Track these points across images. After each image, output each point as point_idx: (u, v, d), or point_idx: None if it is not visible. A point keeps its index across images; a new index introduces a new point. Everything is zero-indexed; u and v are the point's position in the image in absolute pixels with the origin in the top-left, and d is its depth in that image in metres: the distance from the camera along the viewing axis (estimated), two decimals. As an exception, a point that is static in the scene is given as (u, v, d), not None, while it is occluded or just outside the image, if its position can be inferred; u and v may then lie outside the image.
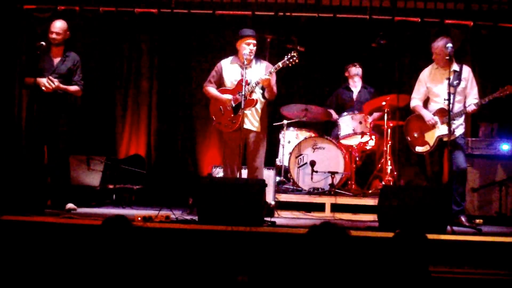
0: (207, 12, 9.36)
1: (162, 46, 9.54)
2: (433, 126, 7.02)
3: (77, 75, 7.33)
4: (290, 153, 8.01)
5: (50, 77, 7.03)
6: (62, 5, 9.43)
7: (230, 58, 7.15)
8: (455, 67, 6.94)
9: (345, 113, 8.24)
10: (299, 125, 8.43)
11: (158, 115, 9.53)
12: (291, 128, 8.38)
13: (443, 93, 6.88)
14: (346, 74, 8.76)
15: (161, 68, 9.55)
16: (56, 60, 7.25)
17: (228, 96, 6.88)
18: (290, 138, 8.30)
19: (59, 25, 7.24)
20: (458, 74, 6.94)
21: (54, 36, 7.19)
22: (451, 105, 6.62)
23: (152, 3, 9.45)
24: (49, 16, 9.27)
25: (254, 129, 6.92)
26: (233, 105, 6.84)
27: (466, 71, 7.05)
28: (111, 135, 9.46)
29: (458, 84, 6.90)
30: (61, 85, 7.11)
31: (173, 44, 9.50)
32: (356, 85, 8.72)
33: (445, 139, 6.81)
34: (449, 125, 6.50)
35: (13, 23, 9.36)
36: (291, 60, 6.76)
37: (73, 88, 7.26)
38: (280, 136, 8.28)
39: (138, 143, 9.47)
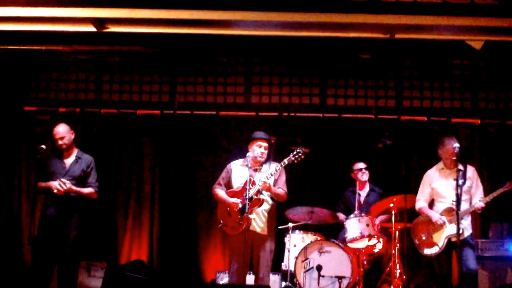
0: (210, 113, 9.95)
1: (164, 147, 10.01)
2: (441, 226, 7.42)
3: (92, 177, 7.61)
4: (296, 257, 8.23)
5: (62, 179, 7.28)
6: (63, 107, 10.00)
7: (241, 160, 7.64)
8: (460, 166, 7.32)
9: (352, 216, 8.56)
10: (305, 228, 8.72)
11: (161, 218, 9.88)
12: (297, 231, 8.64)
13: (449, 193, 7.37)
14: (353, 176, 9.16)
15: (163, 170, 9.99)
16: (68, 163, 7.54)
17: (235, 200, 7.33)
18: (296, 241, 8.54)
19: (61, 130, 7.57)
20: (463, 174, 7.35)
21: (60, 142, 7.52)
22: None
23: (154, 104, 10.05)
24: (50, 118, 9.87)
25: (261, 231, 7.31)
26: (240, 206, 7.26)
27: (471, 171, 7.55)
28: (112, 239, 9.78)
29: (464, 183, 7.30)
30: (74, 187, 7.36)
31: (176, 146, 9.99)
32: (363, 188, 9.15)
33: (453, 239, 7.19)
34: (458, 225, 6.83)
35: (13, 124, 9.94)
36: (296, 156, 7.25)
37: (87, 190, 7.53)
38: (286, 239, 8.54)
39: (140, 247, 9.78)
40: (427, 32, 7.04)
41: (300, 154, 7.25)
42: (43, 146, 7.48)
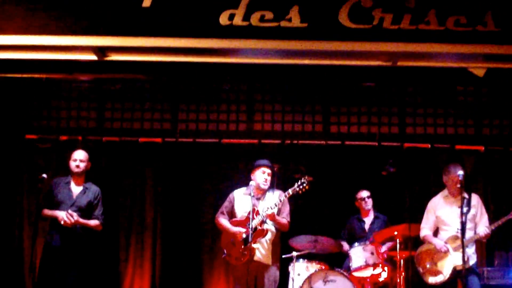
0: (212, 141, 9.98)
1: (166, 175, 10.03)
2: (445, 254, 7.42)
3: (98, 209, 7.64)
4: (301, 286, 8.13)
5: (70, 212, 7.28)
6: (64, 135, 10.03)
7: (243, 188, 7.67)
8: (464, 194, 7.34)
9: (357, 244, 8.57)
10: (309, 257, 8.63)
11: (163, 247, 9.87)
12: (301, 260, 8.54)
13: (453, 221, 7.40)
14: (357, 205, 9.22)
15: (165, 198, 9.99)
16: (76, 192, 7.56)
17: (239, 229, 7.34)
18: (300, 270, 8.43)
19: (83, 154, 7.67)
20: (468, 201, 7.39)
21: (78, 163, 7.57)
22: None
23: (156, 132, 10.09)
24: (51, 146, 9.92)
25: (265, 260, 7.31)
26: (244, 236, 7.27)
27: (475, 199, 7.59)
28: (114, 269, 9.74)
29: (468, 211, 7.35)
30: (81, 220, 7.36)
31: (178, 173, 10.00)
32: (368, 216, 9.17)
33: (458, 268, 7.17)
34: (463, 253, 6.86)
35: (14, 153, 9.97)
36: (301, 187, 7.28)
37: (93, 222, 7.55)
38: (290, 268, 8.44)
39: (142, 277, 9.74)
40: (429, 59, 7.10)
41: (304, 185, 7.28)
42: (45, 175, 7.48)
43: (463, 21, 6.58)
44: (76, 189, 7.62)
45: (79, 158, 7.63)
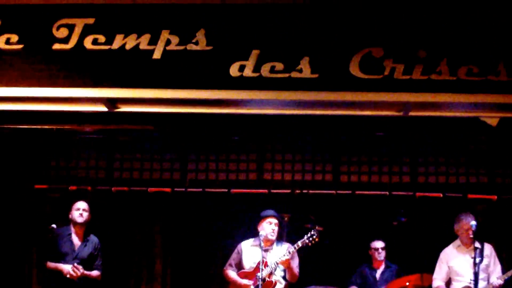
0: (222, 191, 9.89)
1: (176, 225, 10.00)
2: (458, 306, 7.34)
3: (98, 260, 7.73)
4: None
5: (76, 265, 7.36)
6: (74, 185, 9.99)
7: (251, 240, 7.63)
8: (477, 244, 7.32)
9: None
10: None
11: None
12: None
13: (466, 271, 7.30)
14: (370, 253, 9.10)
15: (175, 247, 9.95)
16: (78, 244, 7.63)
17: (246, 281, 7.27)
18: None
19: (85, 204, 7.75)
20: (480, 251, 7.27)
21: (81, 212, 7.65)
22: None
23: (165, 182, 10.04)
24: (60, 196, 9.87)
25: (274, 313, 7.23)
26: (252, 287, 7.21)
27: (488, 249, 7.48)
28: None
29: (481, 261, 7.22)
30: (86, 272, 7.45)
31: (187, 223, 9.96)
32: (379, 265, 9.05)
33: None
34: None
35: (23, 203, 9.93)
36: (311, 239, 7.24)
37: (95, 273, 7.65)
38: None
39: None
40: (441, 109, 7.06)
41: (314, 237, 7.25)
42: (54, 226, 7.58)
43: (475, 70, 6.55)
44: (77, 240, 7.69)
45: (82, 207, 7.72)
